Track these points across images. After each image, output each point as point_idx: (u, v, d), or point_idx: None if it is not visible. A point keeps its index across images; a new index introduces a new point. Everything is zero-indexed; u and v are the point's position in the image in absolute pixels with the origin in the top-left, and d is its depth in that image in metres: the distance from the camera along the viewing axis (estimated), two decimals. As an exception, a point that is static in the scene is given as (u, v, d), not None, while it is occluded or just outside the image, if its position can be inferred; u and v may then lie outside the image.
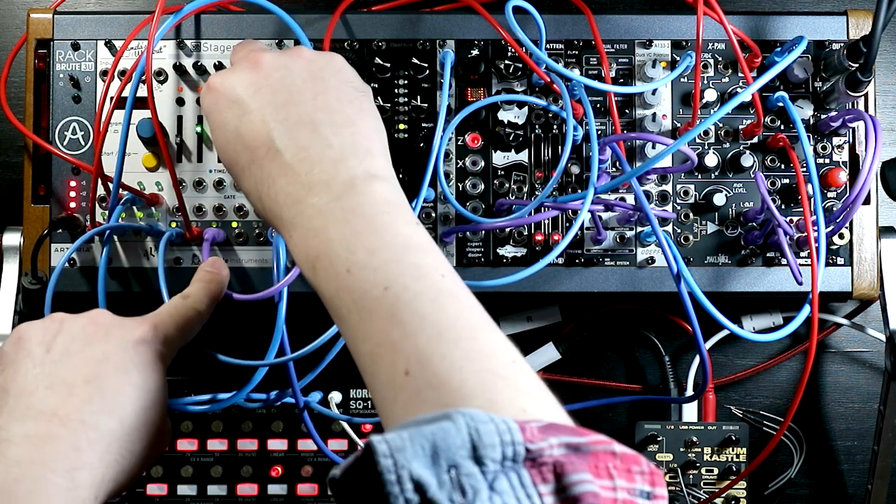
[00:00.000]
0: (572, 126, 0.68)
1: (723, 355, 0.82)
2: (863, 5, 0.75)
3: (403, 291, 0.45)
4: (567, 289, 0.72)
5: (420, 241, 0.48)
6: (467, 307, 0.46)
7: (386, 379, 0.44)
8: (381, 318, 0.45)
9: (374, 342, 0.45)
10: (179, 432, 0.77)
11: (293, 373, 0.67)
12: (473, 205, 0.72)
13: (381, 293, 0.45)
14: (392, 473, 0.36)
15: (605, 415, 0.82)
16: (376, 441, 0.37)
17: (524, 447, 0.37)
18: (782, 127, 0.73)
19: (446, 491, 0.36)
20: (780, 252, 0.71)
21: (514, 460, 0.37)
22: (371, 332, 0.45)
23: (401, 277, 0.46)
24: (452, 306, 0.46)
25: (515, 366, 0.44)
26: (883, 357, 0.75)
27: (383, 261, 0.46)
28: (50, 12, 0.73)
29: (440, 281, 0.46)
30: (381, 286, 0.46)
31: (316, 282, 0.49)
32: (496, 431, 0.37)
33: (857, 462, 0.82)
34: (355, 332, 0.47)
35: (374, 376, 0.45)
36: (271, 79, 0.53)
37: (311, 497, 0.78)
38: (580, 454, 0.38)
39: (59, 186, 0.72)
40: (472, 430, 0.37)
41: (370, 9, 0.76)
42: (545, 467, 0.37)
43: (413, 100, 0.73)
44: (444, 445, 0.37)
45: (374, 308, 0.45)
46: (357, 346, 0.47)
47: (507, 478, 0.37)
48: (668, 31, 0.73)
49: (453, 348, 0.43)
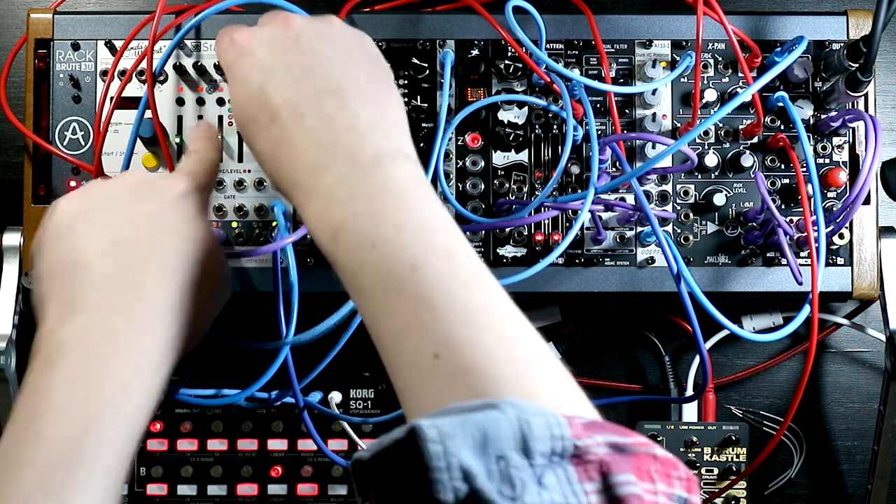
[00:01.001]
0: (572, 126, 0.68)
1: (723, 355, 0.82)
2: (863, 5, 0.75)
3: (432, 272, 0.44)
4: (567, 289, 0.72)
5: (447, 223, 0.47)
6: (497, 293, 0.45)
7: (412, 360, 0.43)
8: (409, 297, 0.44)
9: (400, 320, 0.44)
10: (179, 432, 0.77)
11: (293, 373, 0.67)
12: (473, 205, 0.72)
13: (409, 272, 0.44)
14: (441, 460, 0.35)
15: (605, 415, 0.81)
16: (426, 426, 0.36)
17: (572, 443, 0.37)
18: (782, 127, 0.73)
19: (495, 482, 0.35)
20: (780, 252, 0.71)
21: (561, 455, 0.37)
22: (396, 310, 0.44)
23: (430, 257, 0.45)
24: (483, 291, 0.45)
25: (548, 356, 0.44)
26: (883, 357, 0.75)
27: (411, 239, 0.45)
28: (50, 12, 0.73)
29: (469, 264, 0.46)
30: (409, 265, 0.45)
31: (336, 253, 0.48)
32: (546, 425, 0.37)
33: (857, 462, 0.82)
34: (378, 308, 0.45)
35: (399, 357, 0.44)
36: (301, 40, 0.52)
37: (311, 497, 0.78)
38: (625, 455, 0.38)
39: (59, 186, 0.72)
40: (524, 422, 0.37)
41: (370, 9, 0.76)
42: (591, 465, 0.37)
43: (413, 100, 0.73)
44: (494, 435, 0.36)
45: (401, 286, 0.44)
46: (378, 322, 0.46)
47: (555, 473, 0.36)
48: (668, 31, 0.73)
49: (486, 335, 0.43)
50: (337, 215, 0.47)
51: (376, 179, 0.48)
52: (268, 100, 0.51)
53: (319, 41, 0.53)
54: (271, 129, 0.51)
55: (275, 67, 0.51)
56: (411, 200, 0.47)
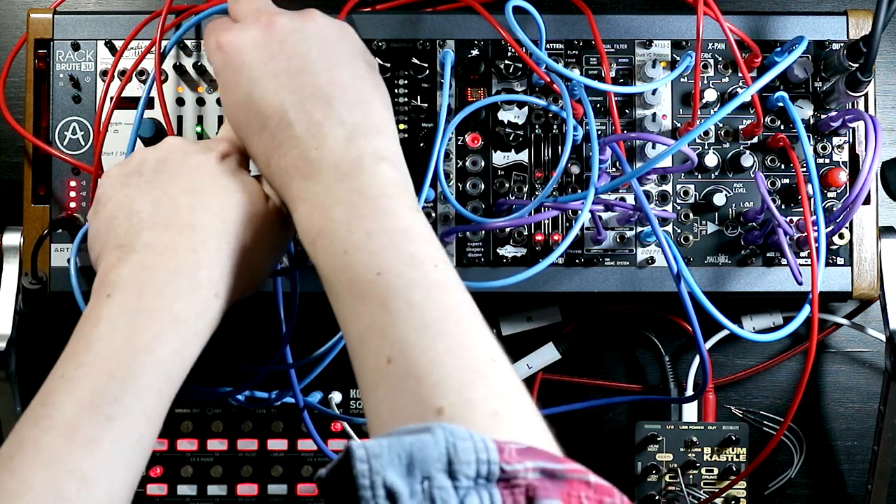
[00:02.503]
0: (572, 126, 0.68)
1: (723, 355, 0.82)
2: (863, 5, 0.75)
3: (396, 278, 0.46)
4: (567, 289, 0.72)
5: (419, 230, 0.48)
6: (457, 301, 0.46)
7: (370, 365, 0.45)
8: (372, 303, 0.45)
9: (363, 326, 0.46)
10: (179, 432, 0.77)
11: (293, 373, 0.67)
12: (473, 205, 0.72)
13: (374, 277, 0.46)
14: (366, 478, 0.37)
15: (605, 415, 0.82)
16: (355, 446, 0.37)
17: (499, 467, 0.37)
18: (782, 127, 0.73)
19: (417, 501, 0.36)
20: (780, 252, 0.71)
21: (487, 479, 0.37)
22: (361, 316, 0.46)
23: (395, 264, 0.46)
24: (442, 298, 0.46)
25: (495, 365, 0.44)
26: (883, 357, 0.75)
27: (381, 245, 0.47)
28: (50, 12, 0.73)
29: (433, 271, 0.47)
30: (375, 271, 0.46)
31: (315, 258, 0.49)
32: (473, 449, 0.37)
33: (857, 462, 0.82)
34: (347, 314, 0.47)
35: (360, 361, 0.46)
36: (286, 45, 0.53)
37: (311, 497, 0.78)
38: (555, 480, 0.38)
39: (58, 187, 0.72)
40: (450, 445, 0.37)
41: (371, 9, 0.76)
42: (518, 490, 0.37)
43: (413, 100, 0.73)
44: (420, 456, 0.37)
45: (367, 292, 0.46)
46: (347, 328, 0.47)
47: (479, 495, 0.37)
48: (668, 31, 0.73)
49: (437, 341, 0.44)
50: (317, 221, 0.49)
51: (355, 185, 0.49)
52: (256, 108, 0.52)
53: (304, 42, 0.53)
54: (262, 136, 0.52)
55: (261, 75, 0.52)
56: (386, 205, 0.49)
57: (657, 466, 0.78)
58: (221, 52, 0.54)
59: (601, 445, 0.82)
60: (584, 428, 0.82)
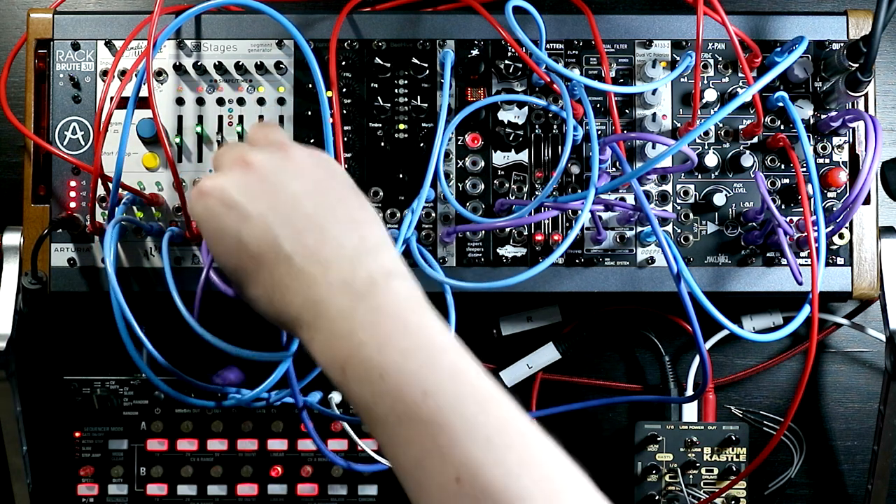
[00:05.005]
0: (572, 126, 0.68)
1: (723, 355, 0.82)
2: (863, 5, 0.75)
3: (444, 395, 0.44)
4: (567, 289, 0.72)
5: (451, 341, 0.47)
6: (510, 409, 0.45)
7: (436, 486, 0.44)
8: (424, 424, 0.44)
9: (418, 448, 0.44)
10: (179, 432, 0.77)
11: (293, 373, 0.67)
12: (473, 205, 0.72)
13: (421, 398, 0.44)
14: None
15: (605, 415, 0.82)
16: None
17: None
18: (782, 127, 0.73)
19: None
20: (780, 252, 0.71)
21: None
22: (413, 439, 0.44)
23: (440, 380, 0.45)
24: (497, 410, 0.45)
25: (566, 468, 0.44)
26: (883, 357, 0.75)
27: (419, 364, 0.45)
28: (50, 12, 0.73)
29: (479, 382, 0.46)
30: (420, 390, 0.45)
31: (347, 386, 0.48)
32: None
33: (857, 462, 0.82)
34: (395, 437, 0.45)
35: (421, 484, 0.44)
36: (267, 182, 0.52)
37: (311, 497, 0.78)
38: None
39: (59, 186, 0.72)
40: None
41: (371, 8, 0.76)
42: None
43: (413, 100, 0.73)
44: None
45: (415, 413, 0.44)
46: (397, 451, 0.46)
47: None
48: (668, 31, 0.73)
49: (506, 455, 0.43)
50: (343, 348, 0.47)
51: (374, 304, 0.48)
52: (249, 249, 0.51)
53: (284, 178, 0.52)
54: (260, 276, 0.51)
55: (248, 214, 0.51)
56: (412, 322, 0.47)
57: (657, 466, 0.78)
58: (204, 198, 0.52)
59: (601, 445, 0.82)
60: (584, 428, 0.82)
